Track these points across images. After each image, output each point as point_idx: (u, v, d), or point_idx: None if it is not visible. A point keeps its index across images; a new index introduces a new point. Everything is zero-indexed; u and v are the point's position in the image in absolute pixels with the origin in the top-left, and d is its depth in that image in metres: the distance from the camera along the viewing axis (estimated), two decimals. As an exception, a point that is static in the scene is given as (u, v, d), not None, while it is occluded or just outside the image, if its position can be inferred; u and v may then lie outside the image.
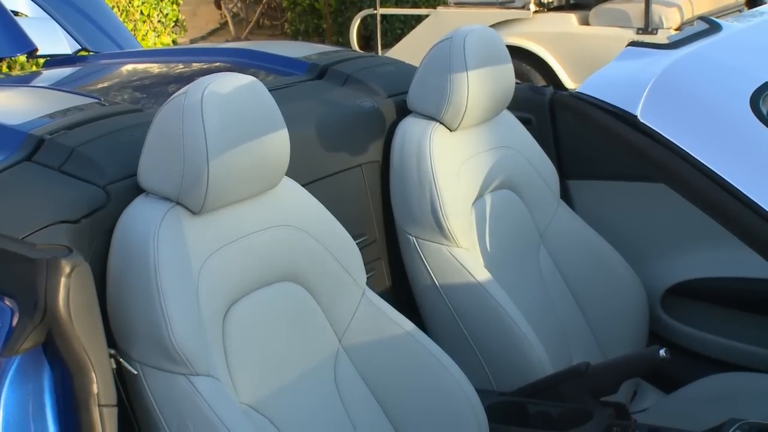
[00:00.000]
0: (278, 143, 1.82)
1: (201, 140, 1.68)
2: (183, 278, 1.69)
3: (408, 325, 1.99)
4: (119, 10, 8.25)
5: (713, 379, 2.45)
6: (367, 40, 9.58)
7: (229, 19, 12.07)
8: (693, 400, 2.39)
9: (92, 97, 2.22)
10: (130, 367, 1.66)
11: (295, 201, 1.96)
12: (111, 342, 1.66)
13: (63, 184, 1.79)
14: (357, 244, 2.05)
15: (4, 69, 4.57)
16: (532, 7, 6.91)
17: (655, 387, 2.67)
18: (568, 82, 6.66)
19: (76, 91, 2.43)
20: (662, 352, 2.03)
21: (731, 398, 2.31)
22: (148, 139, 1.76)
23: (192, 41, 10.76)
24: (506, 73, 2.46)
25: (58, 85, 2.72)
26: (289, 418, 1.82)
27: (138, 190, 1.79)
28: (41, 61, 3.73)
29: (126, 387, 1.69)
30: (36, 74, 3.12)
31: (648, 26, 6.38)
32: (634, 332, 2.60)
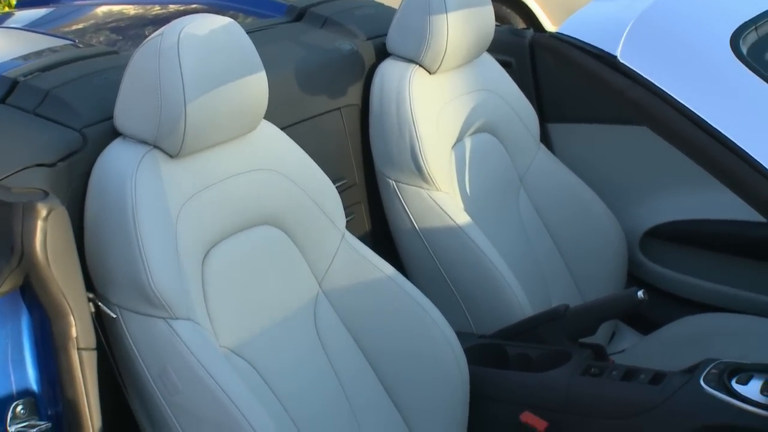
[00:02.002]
0: (256, 86, 1.80)
1: (178, 83, 1.66)
2: (161, 222, 1.68)
3: (388, 268, 1.99)
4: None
5: (690, 320, 2.48)
6: (346, -17, 9.46)
7: (206, -39, 11.90)
8: (670, 341, 2.42)
9: (67, 39, 2.19)
10: (108, 311, 1.65)
11: (274, 144, 1.94)
12: (89, 286, 1.66)
13: (38, 127, 1.77)
14: (336, 187, 2.04)
15: (-23, 12, 4.50)
16: (513, -52, 6.83)
17: (632, 328, 2.70)
18: (549, 25, 6.62)
19: (51, 32, 2.39)
20: (640, 293, 2.05)
21: (707, 339, 2.34)
22: (124, 82, 1.74)
23: (168, -16, 10.59)
24: (486, 15, 2.44)
25: (31, 27, 2.68)
26: (268, 361, 1.82)
27: (115, 134, 1.77)
28: (13, 1, 3.67)
29: (105, 331, 1.68)
30: (8, 15, 3.07)
31: (629, -32, 6.33)
32: (613, 275, 2.62)
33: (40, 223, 1.43)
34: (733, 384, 1.76)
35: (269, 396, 1.80)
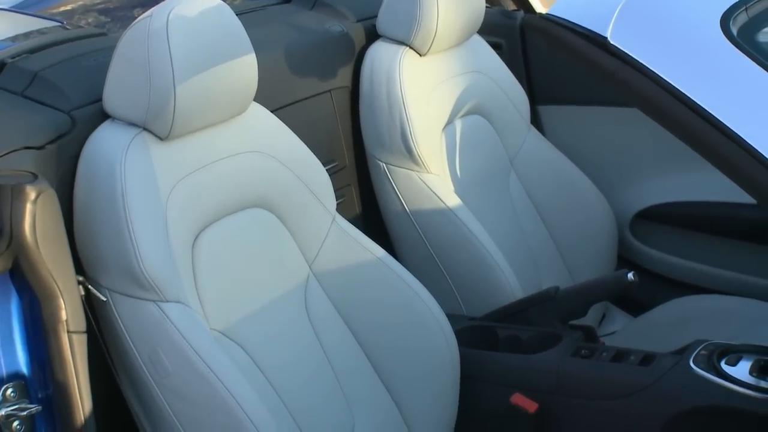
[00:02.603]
0: (246, 68, 1.80)
1: (167, 65, 1.65)
2: (151, 205, 1.67)
3: (378, 250, 1.99)
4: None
5: (680, 301, 2.49)
6: (336, -35, 9.42)
7: (195, -57, 11.83)
8: (660, 322, 2.43)
9: (55, 21, 2.18)
10: (99, 294, 1.65)
11: (264, 127, 1.94)
12: (79, 269, 1.65)
13: (26, 109, 1.76)
14: (327, 170, 2.03)
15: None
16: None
17: (623, 310, 2.71)
18: (539, 7, 6.60)
19: (39, 14, 2.38)
20: (630, 275, 2.05)
21: (697, 320, 2.35)
22: (112, 64, 1.73)
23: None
24: (476, -4, 2.44)
25: (19, 8, 2.66)
26: (259, 343, 1.82)
27: (104, 116, 1.76)
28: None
29: (95, 314, 1.68)
30: (-4, -2, 3.05)
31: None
32: (603, 256, 2.63)
33: (29, 206, 1.43)
34: (723, 365, 1.77)
35: (259, 378, 1.80)
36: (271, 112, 1.98)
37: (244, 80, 1.81)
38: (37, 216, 1.43)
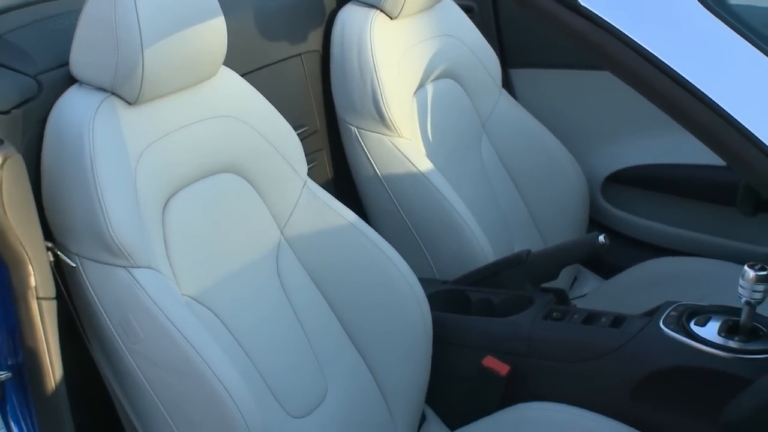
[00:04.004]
0: (215, 31, 1.78)
1: (134, 27, 1.63)
2: (120, 170, 1.65)
3: (350, 215, 1.98)
4: None
5: (650, 264, 2.51)
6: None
7: None
8: (631, 284, 2.45)
9: (20, -17, 2.14)
10: (68, 260, 1.64)
11: (234, 91, 1.92)
12: (48, 235, 1.64)
13: None
14: (298, 134, 2.02)
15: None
16: None
17: (594, 273, 2.73)
18: (511, -29, 6.57)
19: (3, -23, 2.33)
20: (601, 238, 2.07)
21: (667, 282, 2.37)
22: (79, 27, 1.70)
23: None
24: (448, -42, 2.43)
25: (-17, -28, 2.62)
26: (230, 308, 1.82)
27: (71, 80, 1.74)
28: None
29: (65, 280, 1.67)
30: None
31: None
32: (575, 219, 2.64)
33: (-6, 172, 1.41)
34: (692, 326, 1.79)
35: (231, 343, 1.79)
36: (241, 76, 1.97)
37: (213, 43, 1.79)
38: (3, 182, 1.42)
